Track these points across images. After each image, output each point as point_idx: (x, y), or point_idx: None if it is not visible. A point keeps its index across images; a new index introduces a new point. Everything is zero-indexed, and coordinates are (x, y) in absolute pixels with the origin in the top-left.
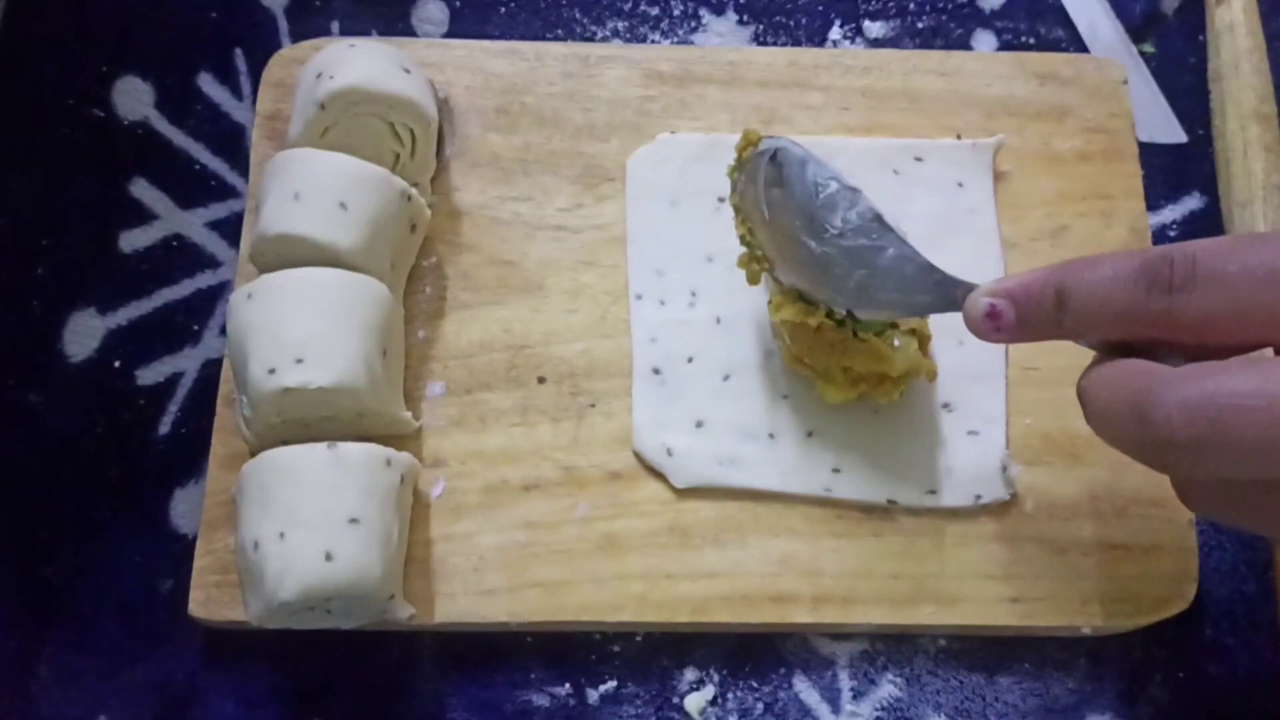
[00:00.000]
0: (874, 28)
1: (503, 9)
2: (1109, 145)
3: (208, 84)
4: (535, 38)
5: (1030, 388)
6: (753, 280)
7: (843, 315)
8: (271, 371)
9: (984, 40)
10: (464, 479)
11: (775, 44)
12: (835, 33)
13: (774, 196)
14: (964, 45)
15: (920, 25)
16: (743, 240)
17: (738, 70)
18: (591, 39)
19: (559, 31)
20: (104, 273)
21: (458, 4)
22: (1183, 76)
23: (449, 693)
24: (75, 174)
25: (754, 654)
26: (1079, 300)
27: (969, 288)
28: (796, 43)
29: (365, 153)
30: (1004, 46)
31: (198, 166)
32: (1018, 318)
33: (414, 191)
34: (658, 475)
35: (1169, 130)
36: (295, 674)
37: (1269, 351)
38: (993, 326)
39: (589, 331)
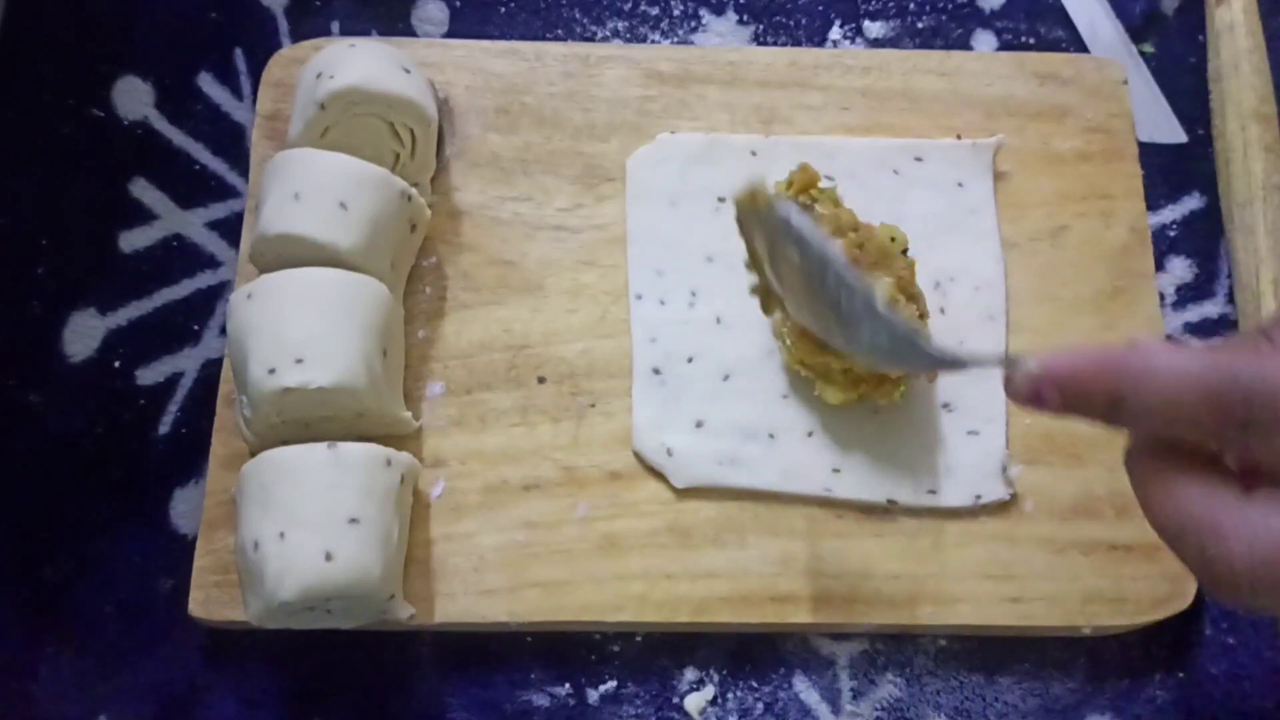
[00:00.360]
0: (874, 28)
1: (503, 9)
2: (1109, 145)
3: (208, 84)
4: (535, 38)
5: None
6: (768, 312)
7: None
8: (271, 371)
9: (984, 40)
10: (464, 479)
11: (775, 44)
12: (835, 33)
13: (791, 272)
14: (964, 45)
15: (920, 25)
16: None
17: (738, 70)
18: (591, 39)
19: (559, 31)
20: (104, 273)
21: (458, 4)
22: (1183, 76)
23: (449, 693)
24: (75, 174)
25: (754, 654)
26: (1134, 410)
27: (1012, 360)
28: (796, 43)
29: (365, 153)
30: (1004, 46)
31: (198, 166)
32: (1063, 405)
33: (414, 191)
34: (658, 475)
35: (1169, 130)
36: (295, 674)
37: None
38: (1034, 406)
39: (589, 331)
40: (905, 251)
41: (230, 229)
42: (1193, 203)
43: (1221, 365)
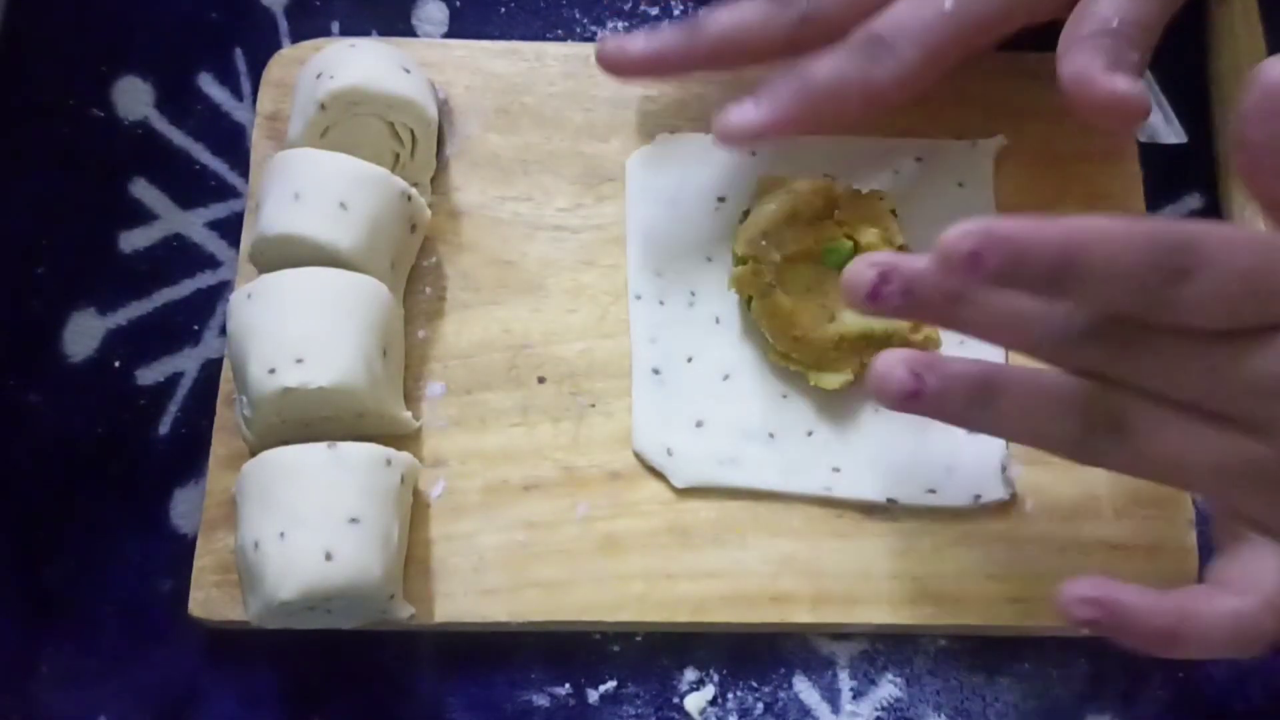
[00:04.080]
0: None
1: (503, 9)
2: (1109, 145)
3: (208, 84)
4: (535, 38)
5: None
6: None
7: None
8: (271, 371)
9: None
10: (464, 479)
11: None
12: None
13: None
14: None
15: None
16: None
17: (737, 70)
18: (591, 39)
19: (559, 31)
20: (104, 273)
21: (458, 4)
22: (1183, 76)
23: (449, 693)
24: (75, 174)
25: (754, 654)
26: (1082, 271)
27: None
28: None
29: (365, 153)
30: (1004, 46)
31: (198, 166)
32: (1001, 269)
33: (414, 191)
34: (658, 475)
35: (1169, 130)
36: (295, 674)
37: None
38: (969, 272)
39: (589, 331)
40: (894, 212)
41: (230, 229)
42: (1193, 203)
43: (1169, 220)
